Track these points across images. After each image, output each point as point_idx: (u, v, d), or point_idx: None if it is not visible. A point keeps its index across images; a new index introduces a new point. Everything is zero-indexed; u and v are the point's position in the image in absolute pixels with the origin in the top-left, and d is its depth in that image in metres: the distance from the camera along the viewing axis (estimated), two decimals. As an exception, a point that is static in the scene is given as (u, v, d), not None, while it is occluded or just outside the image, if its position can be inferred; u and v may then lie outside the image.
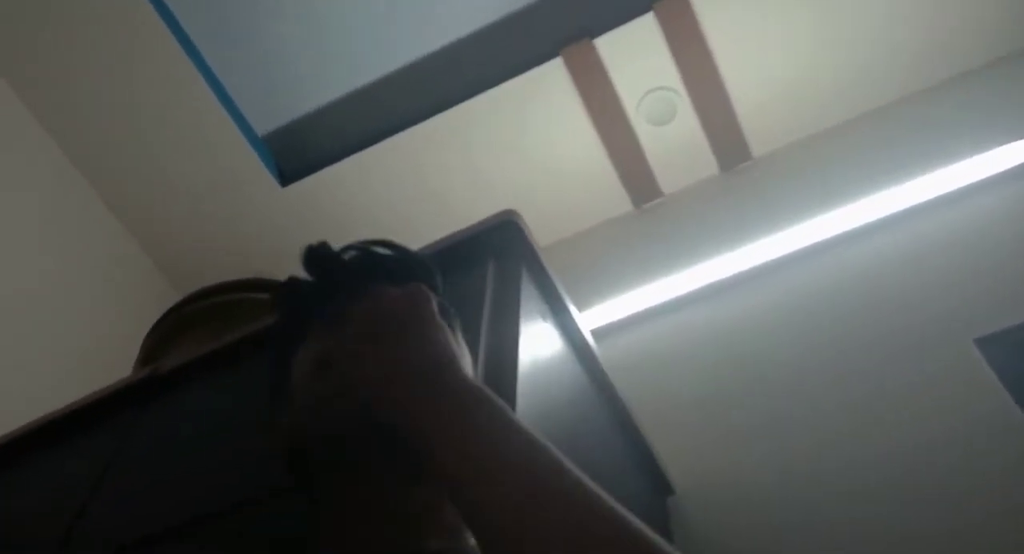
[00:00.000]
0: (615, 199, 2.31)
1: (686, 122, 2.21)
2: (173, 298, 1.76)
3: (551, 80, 2.17)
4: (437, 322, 0.73)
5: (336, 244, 0.85)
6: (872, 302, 1.67)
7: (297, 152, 2.35)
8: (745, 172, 2.23)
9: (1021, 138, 1.82)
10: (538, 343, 1.11)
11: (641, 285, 2.03)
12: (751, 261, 1.94)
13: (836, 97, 2.17)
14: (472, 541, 0.68)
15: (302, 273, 0.82)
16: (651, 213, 2.30)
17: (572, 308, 1.27)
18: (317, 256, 0.81)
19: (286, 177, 2.34)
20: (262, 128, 2.32)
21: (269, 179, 2.31)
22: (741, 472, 1.49)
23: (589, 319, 1.91)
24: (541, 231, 2.15)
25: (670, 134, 2.23)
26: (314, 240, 0.82)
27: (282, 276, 1.79)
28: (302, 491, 0.76)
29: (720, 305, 1.88)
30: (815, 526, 1.36)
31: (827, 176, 2.04)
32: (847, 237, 1.86)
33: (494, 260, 1.14)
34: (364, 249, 0.84)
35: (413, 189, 2.33)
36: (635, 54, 2.15)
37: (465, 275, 1.09)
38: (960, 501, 1.30)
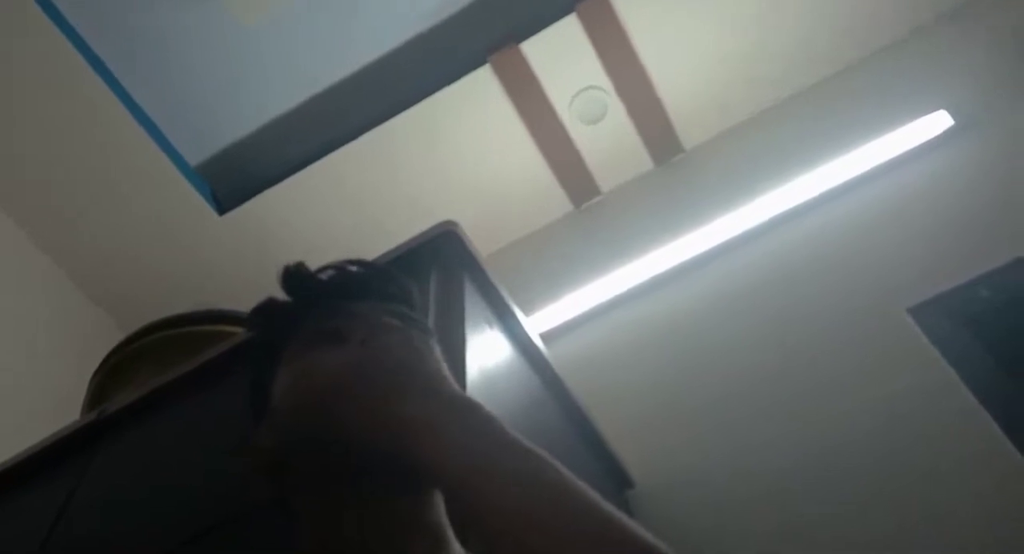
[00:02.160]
0: (555, 201, 2.33)
1: (617, 119, 2.25)
2: (117, 335, 1.73)
3: (481, 88, 2.19)
4: (421, 342, 0.76)
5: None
6: (808, 280, 1.72)
7: (231, 180, 2.33)
8: (679, 164, 2.28)
9: (939, 108, 1.88)
10: (486, 351, 1.12)
11: (587, 284, 2.05)
12: (692, 251, 1.99)
13: (760, 83, 2.22)
14: (457, 549, 0.70)
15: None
16: (591, 212, 2.33)
17: (519, 313, 1.29)
18: (294, 276, 0.82)
19: (223, 206, 2.32)
20: (194, 159, 2.30)
21: (206, 209, 2.29)
22: (698, 459, 1.52)
23: (538, 322, 1.93)
24: (485, 239, 2.18)
25: (603, 132, 2.26)
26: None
27: (227, 305, 1.78)
28: (281, 507, 0.77)
29: (665, 297, 1.91)
30: (769, 507, 1.40)
31: (758, 161, 2.09)
32: (780, 219, 1.91)
33: (436, 271, 1.15)
34: (340, 268, 0.85)
35: (353, 206, 2.32)
36: (562, 56, 2.18)
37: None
38: (905, 470, 1.34)
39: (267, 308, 0.84)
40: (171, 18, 2.16)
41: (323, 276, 0.84)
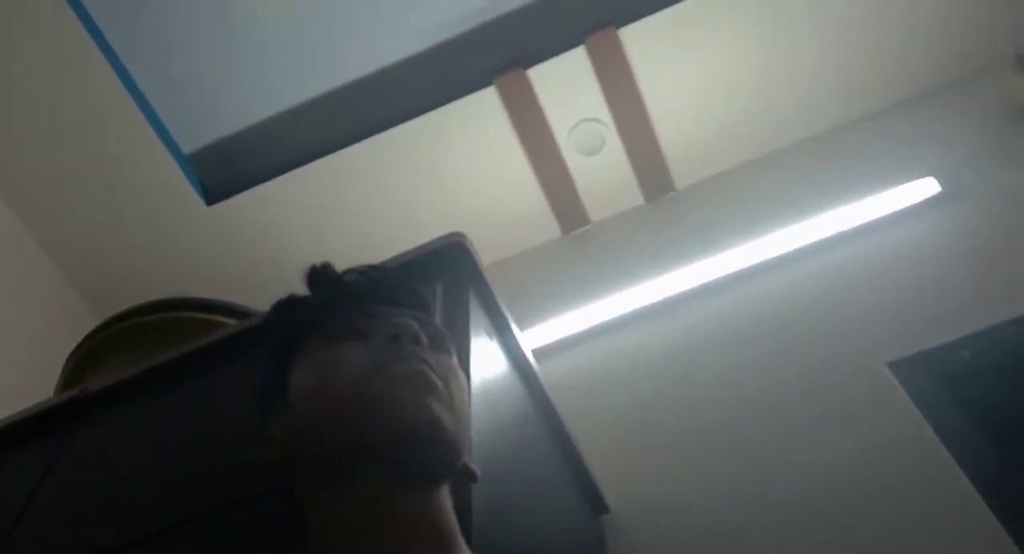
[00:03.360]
0: (544, 225, 2.35)
1: (613, 154, 2.28)
2: (92, 320, 1.70)
3: (485, 108, 2.21)
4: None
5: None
6: (791, 327, 1.75)
7: (224, 171, 2.32)
8: (669, 203, 2.31)
9: (927, 175, 1.95)
10: (486, 362, 1.13)
11: (568, 310, 2.07)
12: (674, 289, 2.01)
13: (756, 132, 2.27)
14: (464, 549, 0.71)
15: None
16: (578, 240, 2.35)
17: (515, 328, 1.30)
18: (320, 275, 0.85)
19: (211, 196, 2.30)
20: (188, 146, 2.28)
21: (194, 198, 2.27)
22: (671, 489, 1.53)
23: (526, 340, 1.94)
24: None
25: (598, 165, 2.29)
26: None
27: (208, 295, 1.76)
28: (287, 497, 0.77)
29: (645, 331, 1.93)
30: (744, 541, 1.41)
31: (746, 208, 2.13)
32: (765, 267, 1.95)
33: (442, 281, 1.16)
34: (364, 272, 0.88)
35: (343, 211, 2.32)
36: (567, 86, 2.21)
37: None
38: (876, 517, 1.37)
39: (290, 302, 0.86)
40: (182, 2, 2.15)
41: (348, 278, 0.86)
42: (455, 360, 0.84)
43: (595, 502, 1.47)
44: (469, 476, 0.79)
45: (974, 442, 1.35)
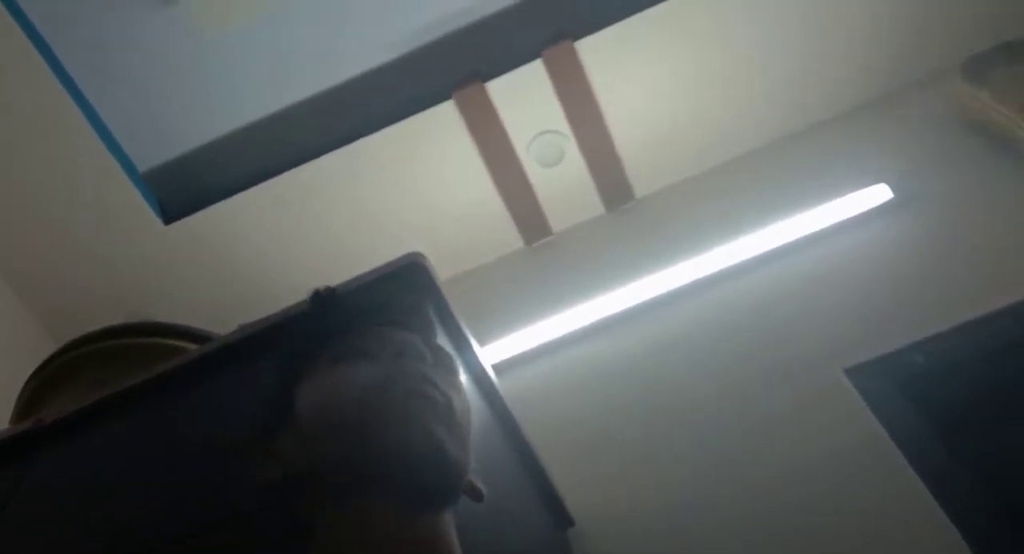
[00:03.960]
0: (506, 237, 2.36)
1: (573, 164, 2.30)
2: (51, 345, 1.68)
3: (444, 121, 2.21)
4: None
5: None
6: (749, 334, 1.78)
7: (181, 190, 2.29)
8: (629, 212, 2.33)
9: (880, 182, 1.98)
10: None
11: (532, 322, 2.07)
12: (636, 298, 2.03)
13: (713, 141, 2.30)
14: None
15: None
16: (541, 251, 2.36)
17: (475, 345, 1.30)
18: (325, 297, 0.88)
19: (169, 215, 2.28)
20: (144, 165, 2.26)
21: (153, 218, 2.24)
22: (636, 501, 1.55)
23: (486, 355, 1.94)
24: (438, 266, 2.19)
25: (559, 176, 2.30)
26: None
27: (171, 315, 1.74)
28: (290, 516, 0.77)
29: (606, 341, 1.95)
30: (707, 548, 1.43)
31: (705, 216, 2.16)
32: (723, 275, 1.97)
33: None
34: (365, 295, 0.89)
35: (302, 227, 2.31)
36: (525, 98, 2.22)
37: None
38: (834, 520, 1.40)
39: (298, 324, 0.87)
40: (135, 22, 2.13)
41: (351, 299, 0.88)
42: (458, 378, 0.85)
43: (560, 516, 1.48)
44: (475, 495, 0.80)
45: (928, 446, 1.38)
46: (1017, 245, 1.73)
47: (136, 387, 1.21)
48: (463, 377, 0.89)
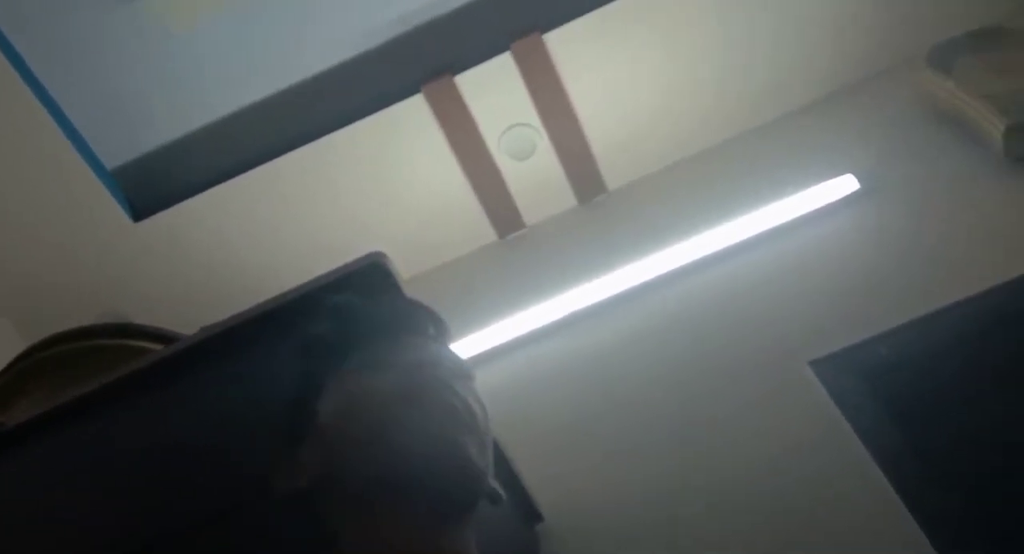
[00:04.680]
0: (479, 230, 2.36)
1: (545, 157, 2.30)
2: (21, 345, 1.67)
3: (413, 115, 2.21)
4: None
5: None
6: (716, 327, 1.79)
7: (150, 186, 2.28)
8: (601, 204, 2.34)
9: (846, 172, 2.00)
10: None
11: (506, 316, 2.08)
12: (606, 292, 2.04)
13: (683, 133, 2.31)
14: None
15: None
16: (515, 244, 2.36)
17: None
18: (344, 308, 0.89)
19: (138, 212, 2.26)
20: (112, 162, 2.24)
21: (121, 215, 2.23)
22: (606, 495, 1.56)
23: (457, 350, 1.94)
24: (407, 263, 2.19)
25: (530, 169, 2.31)
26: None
27: (137, 317, 1.73)
28: (316, 524, 0.78)
29: (580, 333, 1.96)
30: (675, 542, 1.44)
31: (676, 208, 2.17)
32: (691, 267, 1.98)
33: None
34: (386, 303, 0.90)
35: (272, 223, 2.30)
36: (495, 92, 2.22)
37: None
38: (797, 511, 1.41)
39: (319, 334, 0.87)
40: (99, 19, 2.11)
41: (370, 310, 0.88)
42: (474, 383, 0.87)
43: (529, 511, 1.49)
44: (494, 498, 0.82)
45: (890, 439, 1.40)
46: (982, 236, 1.75)
47: (93, 392, 1.20)
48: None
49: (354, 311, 0.89)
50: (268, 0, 2.16)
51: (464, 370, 0.86)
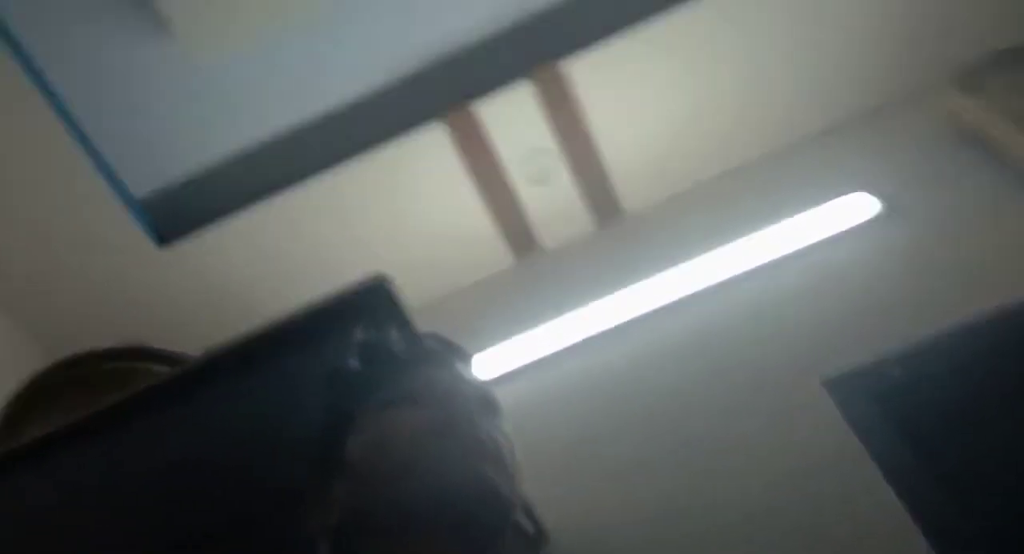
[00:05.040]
0: (497, 255, 2.38)
1: (563, 182, 2.31)
2: (43, 362, 1.71)
3: (433, 141, 2.24)
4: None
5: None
6: (732, 347, 1.78)
7: (175, 213, 2.33)
8: (619, 228, 2.34)
9: (868, 193, 1.98)
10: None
11: (521, 336, 2.08)
12: (624, 314, 2.03)
13: (701, 156, 2.31)
14: None
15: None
16: (533, 268, 2.37)
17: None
18: (372, 345, 0.92)
19: (163, 238, 2.31)
20: (140, 190, 2.30)
21: (145, 241, 2.28)
22: (614, 517, 1.55)
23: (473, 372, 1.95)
24: (424, 288, 2.21)
25: (548, 194, 2.32)
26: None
27: (160, 341, 1.77)
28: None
29: (592, 355, 1.95)
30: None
31: (695, 231, 2.16)
32: (710, 288, 1.97)
33: (363, 323, 1.17)
34: (410, 340, 0.92)
35: (294, 250, 2.34)
36: (514, 118, 2.24)
37: (330, 338, 1.12)
38: (810, 532, 1.39)
39: (344, 372, 0.89)
40: (130, 51, 2.18)
41: (397, 347, 0.90)
42: (500, 416, 0.88)
43: (536, 534, 1.48)
44: (517, 532, 0.83)
45: (903, 459, 1.37)
46: (1001, 258, 1.72)
47: (103, 411, 1.23)
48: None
49: (380, 348, 0.91)
50: (293, 33, 2.21)
51: (490, 401, 0.88)
